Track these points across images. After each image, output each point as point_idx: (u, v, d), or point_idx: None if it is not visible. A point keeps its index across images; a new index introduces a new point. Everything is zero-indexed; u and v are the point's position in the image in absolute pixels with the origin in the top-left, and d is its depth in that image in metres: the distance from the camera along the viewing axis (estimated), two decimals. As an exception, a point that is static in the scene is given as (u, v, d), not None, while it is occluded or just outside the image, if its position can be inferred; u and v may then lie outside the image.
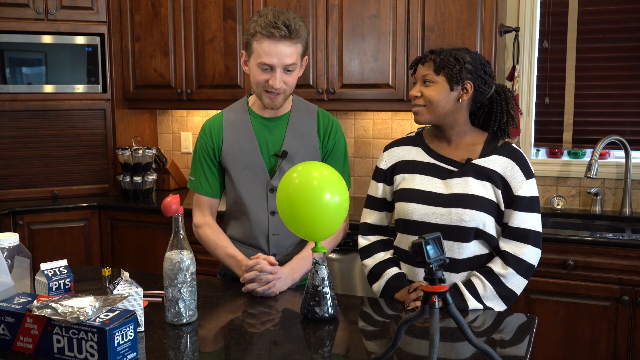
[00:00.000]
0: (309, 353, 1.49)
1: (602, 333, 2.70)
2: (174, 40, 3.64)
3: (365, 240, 1.98)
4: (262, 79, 1.95)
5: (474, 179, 1.80)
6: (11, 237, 1.66)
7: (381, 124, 3.63)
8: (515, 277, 1.77)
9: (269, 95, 1.97)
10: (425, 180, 1.86)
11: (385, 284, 1.87)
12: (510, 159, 1.82)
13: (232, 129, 2.07)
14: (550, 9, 3.29)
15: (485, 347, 1.28)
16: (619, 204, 3.22)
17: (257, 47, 1.92)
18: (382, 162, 1.98)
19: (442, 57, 1.82)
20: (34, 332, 1.41)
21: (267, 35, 1.89)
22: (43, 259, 3.19)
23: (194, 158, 2.13)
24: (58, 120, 3.66)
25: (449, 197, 1.81)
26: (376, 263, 1.92)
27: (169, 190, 3.93)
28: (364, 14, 3.22)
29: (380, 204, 1.98)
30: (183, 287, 1.59)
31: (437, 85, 1.83)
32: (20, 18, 3.52)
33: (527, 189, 1.80)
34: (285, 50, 1.90)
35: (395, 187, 1.93)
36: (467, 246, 1.80)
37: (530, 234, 1.79)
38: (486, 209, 1.79)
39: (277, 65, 1.92)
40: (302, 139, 2.06)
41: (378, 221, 1.99)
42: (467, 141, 1.89)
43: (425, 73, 1.85)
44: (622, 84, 3.20)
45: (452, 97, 1.83)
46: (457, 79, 1.80)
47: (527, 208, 1.79)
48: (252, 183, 2.04)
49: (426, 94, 1.84)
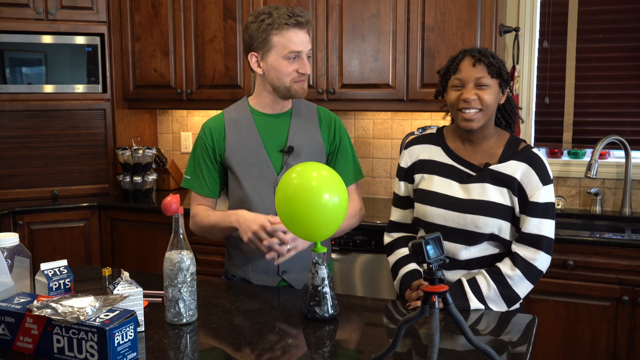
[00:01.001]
0: (309, 353, 1.49)
1: (602, 333, 2.70)
2: (174, 40, 3.64)
3: (389, 237, 2.01)
4: (291, 69, 1.99)
5: (491, 185, 1.80)
6: (11, 237, 1.65)
7: (381, 124, 3.63)
8: (522, 281, 1.77)
9: (299, 84, 2.02)
10: (443, 182, 1.86)
11: (400, 281, 1.89)
12: (528, 164, 1.80)
13: (234, 128, 2.08)
14: (550, 9, 3.29)
15: (485, 347, 1.28)
16: (619, 204, 3.22)
17: (280, 39, 1.96)
18: (403, 160, 1.99)
19: (492, 59, 1.79)
20: (34, 332, 1.41)
21: (294, 24, 1.95)
22: (43, 259, 3.19)
23: (192, 157, 2.13)
24: (58, 120, 3.66)
25: (466, 203, 1.80)
26: (396, 260, 1.94)
27: (169, 190, 3.93)
28: (364, 14, 3.22)
29: (403, 201, 1.99)
30: (183, 287, 1.59)
31: (491, 88, 1.79)
32: (20, 18, 3.52)
33: (543, 194, 1.78)
34: (306, 37, 2.00)
35: (415, 185, 1.95)
36: (478, 245, 1.82)
37: (543, 240, 1.78)
38: (502, 215, 1.79)
39: (304, 52, 1.99)
40: (306, 134, 2.08)
41: (402, 218, 2.00)
42: (490, 144, 1.87)
43: (480, 75, 1.78)
44: (622, 84, 3.20)
45: (496, 100, 1.83)
46: (507, 82, 1.81)
47: (541, 214, 1.78)
48: (258, 180, 2.04)
49: (484, 98, 1.78)
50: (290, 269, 2.05)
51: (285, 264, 2.03)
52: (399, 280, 1.90)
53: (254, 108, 2.11)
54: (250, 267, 2.08)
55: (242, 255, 2.09)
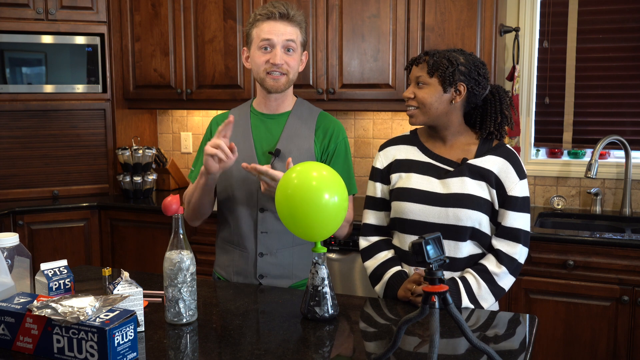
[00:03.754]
0: (309, 353, 1.49)
1: (602, 333, 2.70)
2: (174, 40, 3.64)
3: (366, 241, 1.98)
4: (263, 59, 1.99)
5: (470, 178, 1.82)
6: (11, 237, 1.65)
7: (381, 124, 3.63)
8: (507, 276, 1.80)
9: (272, 77, 2.00)
10: (421, 179, 1.87)
11: (386, 285, 1.87)
12: (505, 159, 1.85)
13: (232, 127, 2.08)
14: (550, 9, 3.29)
15: (485, 347, 1.28)
16: (619, 204, 3.22)
17: (257, 31, 2.00)
18: (378, 161, 1.98)
19: (435, 58, 1.83)
20: (34, 332, 1.41)
21: (267, 16, 1.97)
22: (43, 259, 3.19)
23: (199, 150, 2.15)
24: (58, 120, 3.66)
25: (446, 197, 1.82)
26: (377, 265, 1.92)
27: (169, 190, 3.93)
28: (364, 14, 3.22)
29: (379, 203, 1.98)
30: (183, 287, 1.59)
31: (430, 87, 1.84)
32: (20, 18, 3.52)
33: (520, 189, 1.83)
34: (284, 28, 1.98)
35: (391, 186, 1.94)
36: (463, 245, 1.82)
37: (521, 233, 1.82)
38: (482, 209, 1.81)
39: (277, 42, 1.97)
40: (297, 139, 2.06)
41: (378, 221, 1.98)
42: (462, 141, 1.90)
43: (418, 74, 1.86)
44: (622, 84, 3.20)
45: (445, 98, 1.84)
46: (450, 80, 1.81)
47: (520, 208, 1.82)
48: (244, 180, 2.05)
49: (419, 96, 1.85)
50: (268, 274, 2.05)
51: (263, 269, 2.05)
52: (383, 284, 1.88)
53: (254, 107, 2.13)
54: (232, 268, 2.09)
55: (225, 256, 2.11)
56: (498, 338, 1.59)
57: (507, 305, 2.83)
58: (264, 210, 2.04)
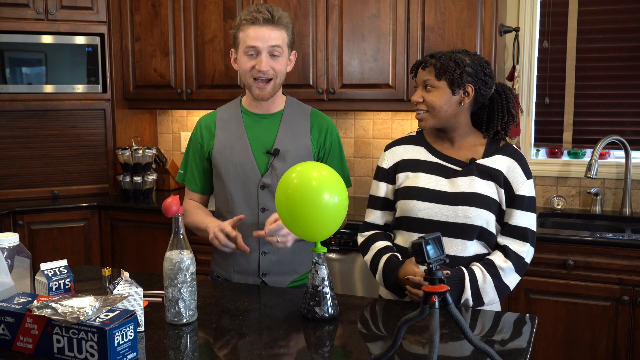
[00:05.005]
0: (309, 353, 1.49)
1: (602, 333, 2.70)
2: (174, 40, 3.64)
3: (363, 237, 2.00)
4: (249, 65, 1.99)
5: (479, 178, 1.83)
6: (11, 237, 1.65)
7: (381, 124, 3.63)
8: (512, 273, 1.80)
9: (257, 85, 2.00)
10: (429, 178, 1.87)
11: (382, 270, 1.87)
12: (513, 159, 1.86)
13: (224, 127, 2.09)
14: (550, 9, 3.29)
15: (485, 347, 1.28)
16: (619, 204, 3.22)
17: (242, 35, 1.99)
18: (384, 161, 1.98)
19: (442, 61, 1.83)
20: (34, 332, 1.41)
21: (251, 21, 1.96)
22: (43, 259, 3.18)
23: (185, 152, 2.17)
24: (58, 120, 3.66)
25: (455, 195, 1.82)
26: (373, 255, 1.92)
27: (169, 190, 3.93)
28: (364, 14, 3.22)
29: (381, 203, 1.98)
30: (183, 287, 1.59)
31: (439, 90, 1.84)
32: (20, 18, 3.52)
33: (528, 188, 1.84)
34: (269, 33, 1.96)
35: (398, 185, 1.94)
36: (470, 244, 1.82)
37: (529, 232, 1.82)
38: (490, 208, 1.82)
39: (262, 49, 1.96)
40: (294, 137, 2.07)
41: (378, 220, 1.99)
42: (469, 142, 1.91)
43: (426, 78, 1.86)
44: (622, 84, 3.20)
45: (454, 101, 1.84)
46: (459, 83, 1.81)
47: (527, 207, 1.82)
48: (243, 181, 2.05)
49: (428, 100, 1.85)
50: (271, 271, 2.06)
51: (266, 267, 2.05)
52: (380, 273, 1.88)
53: (245, 107, 2.12)
54: (232, 267, 2.09)
55: (224, 254, 2.10)
56: (498, 338, 1.59)
57: (507, 306, 2.83)
58: (264, 210, 2.04)
